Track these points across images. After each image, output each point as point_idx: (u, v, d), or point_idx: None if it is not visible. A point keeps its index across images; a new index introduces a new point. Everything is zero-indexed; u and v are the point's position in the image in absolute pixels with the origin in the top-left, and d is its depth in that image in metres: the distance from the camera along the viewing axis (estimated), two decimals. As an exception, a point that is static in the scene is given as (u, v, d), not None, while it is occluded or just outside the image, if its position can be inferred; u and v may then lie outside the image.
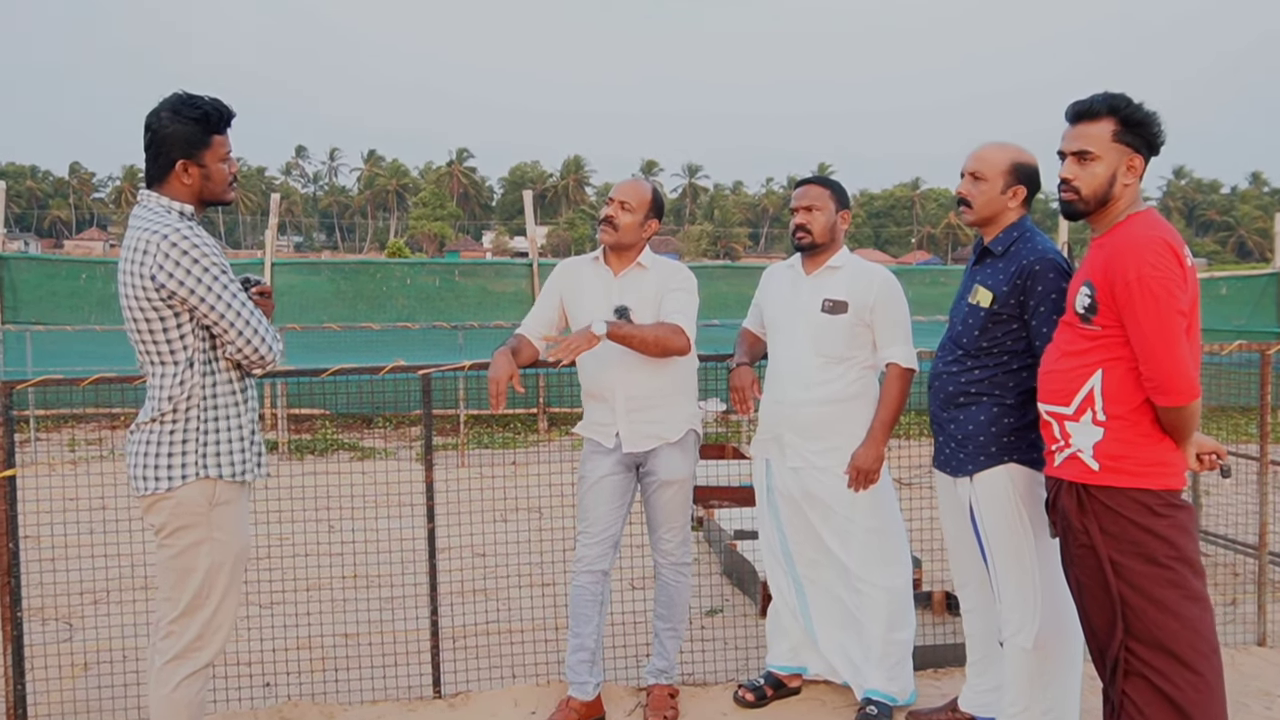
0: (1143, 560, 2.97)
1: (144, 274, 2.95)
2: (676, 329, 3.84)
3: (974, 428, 3.57)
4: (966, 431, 3.58)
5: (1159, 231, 2.97)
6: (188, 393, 3.04)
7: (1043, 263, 3.44)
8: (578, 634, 4.05)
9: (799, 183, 4.13)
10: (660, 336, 3.81)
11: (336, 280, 13.48)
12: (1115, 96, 3.07)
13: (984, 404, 3.56)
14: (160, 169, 3.04)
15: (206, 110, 3.04)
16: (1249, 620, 4.99)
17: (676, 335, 3.84)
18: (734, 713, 4.17)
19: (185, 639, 3.09)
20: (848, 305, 3.96)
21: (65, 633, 5.15)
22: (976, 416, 3.57)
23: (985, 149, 3.62)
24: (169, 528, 3.06)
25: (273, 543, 5.49)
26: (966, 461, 3.60)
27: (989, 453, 3.55)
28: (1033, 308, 3.44)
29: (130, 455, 3.10)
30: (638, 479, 4.08)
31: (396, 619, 5.25)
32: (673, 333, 3.83)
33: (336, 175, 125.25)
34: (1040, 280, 3.43)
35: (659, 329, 3.83)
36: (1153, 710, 2.97)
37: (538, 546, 6.15)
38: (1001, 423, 3.53)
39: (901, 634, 4.07)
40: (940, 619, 5.30)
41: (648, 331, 3.81)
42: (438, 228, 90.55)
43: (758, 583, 5.41)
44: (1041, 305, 3.42)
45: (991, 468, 3.55)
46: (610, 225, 3.96)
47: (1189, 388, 2.90)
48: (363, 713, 4.18)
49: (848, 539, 4.03)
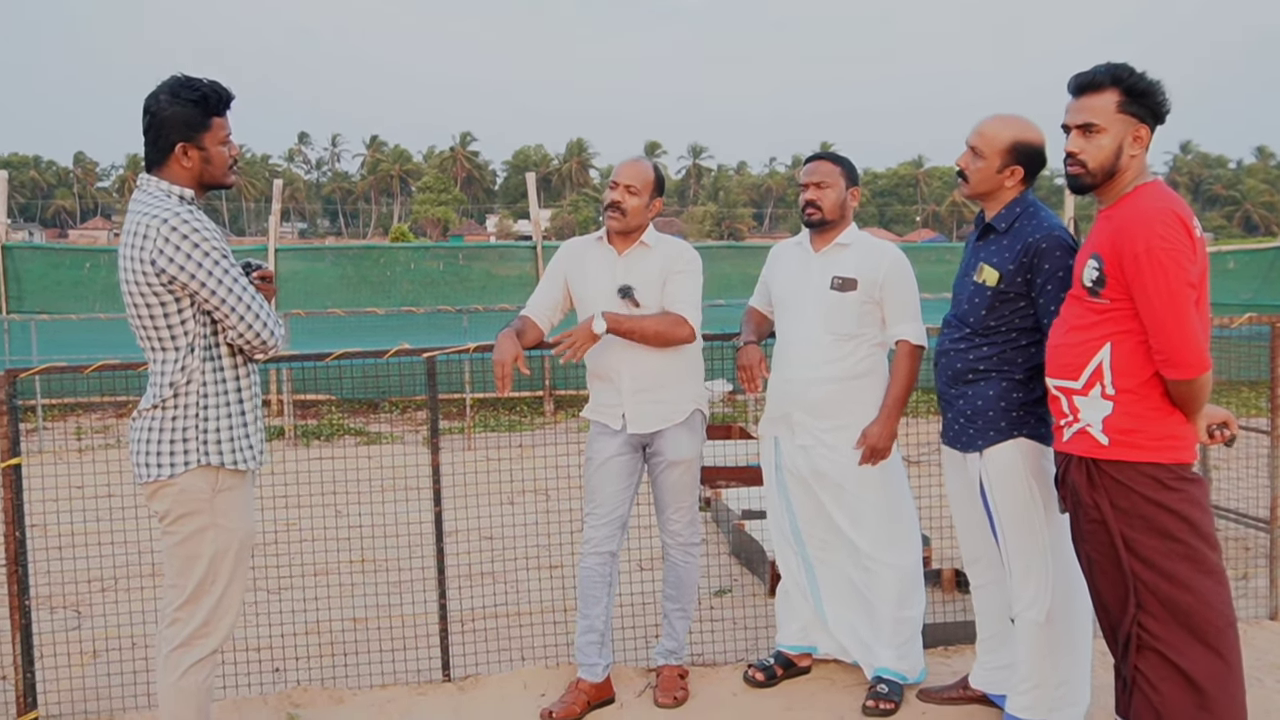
0: (1154, 535, 2.94)
1: (144, 259, 2.93)
2: (679, 320, 3.83)
3: (983, 403, 3.54)
4: (976, 407, 3.56)
5: (1167, 203, 2.93)
6: (189, 378, 3.02)
7: (1049, 239, 3.41)
8: (586, 616, 4.05)
9: (808, 159, 4.09)
10: (662, 329, 3.80)
11: (341, 266, 13.48)
12: (1118, 67, 3.02)
13: (993, 379, 3.53)
14: (159, 152, 3.01)
15: (205, 92, 3.01)
16: (1260, 594, 4.97)
17: (679, 326, 3.82)
18: (744, 692, 4.16)
19: (191, 626, 3.08)
20: (857, 283, 3.93)
21: (74, 621, 5.16)
22: (985, 392, 3.54)
23: (989, 123, 3.56)
24: (172, 515, 3.05)
25: (280, 529, 5.49)
26: (976, 437, 3.58)
27: (999, 427, 3.52)
28: (1040, 285, 3.41)
29: (133, 443, 3.08)
30: (644, 460, 4.06)
31: (405, 603, 5.24)
32: (675, 324, 3.82)
33: (339, 161, 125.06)
34: (1047, 257, 3.39)
35: (661, 321, 3.81)
36: (1166, 685, 2.95)
37: (545, 529, 6.15)
38: (1011, 397, 3.51)
39: (911, 612, 4.05)
40: (950, 596, 5.28)
41: (648, 324, 3.79)
42: (442, 212, 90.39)
43: (766, 562, 5.40)
44: (1049, 283, 3.39)
45: (1001, 442, 3.53)
46: (618, 210, 3.91)
47: (1199, 360, 2.87)
48: (372, 697, 4.18)
49: (858, 517, 4.01)
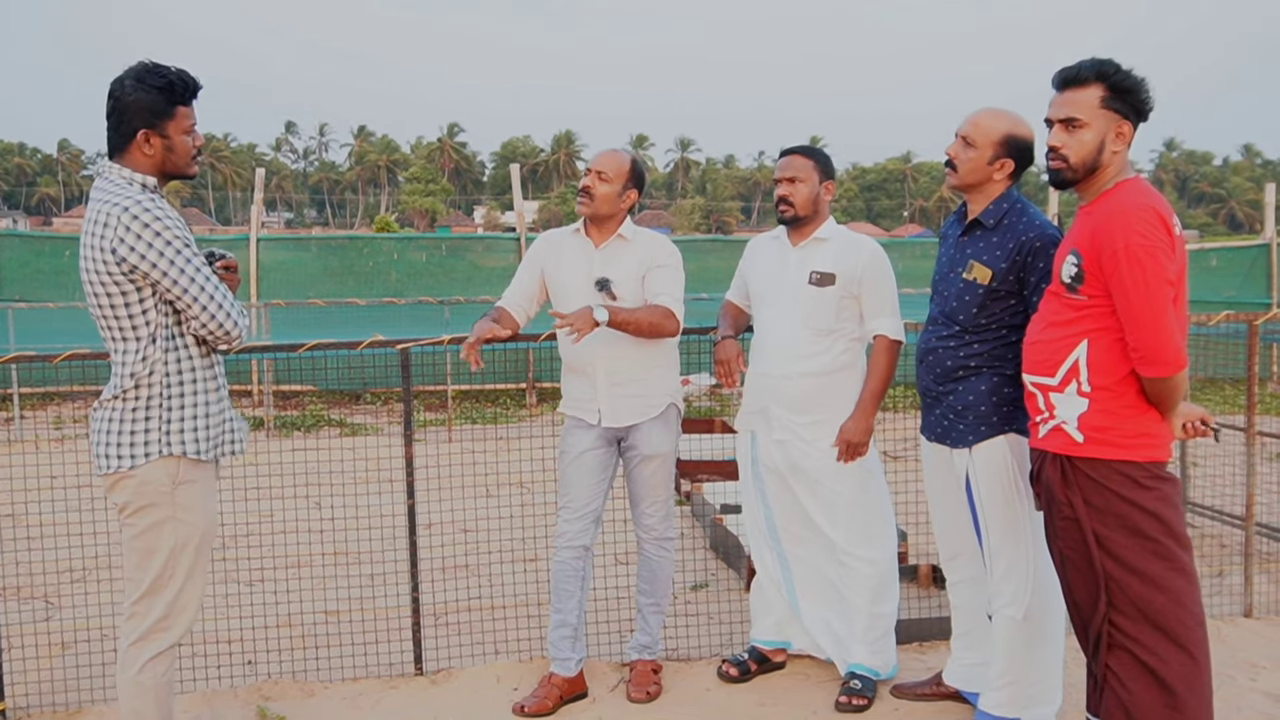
0: (1127, 533, 2.93)
1: (104, 247, 2.87)
2: (668, 313, 3.87)
3: (974, 398, 3.53)
4: (966, 402, 3.54)
5: (1147, 199, 2.92)
6: (150, 369, 2.97)
7: (1043, 239, 3.41)
8: (560, 610, 4.02)
9: (782, 153, 4.04)
10: (654, 321, 3.84)
11: (324, 256, 13.39)
12: (1103, 62, 3.00)
13: (984, 375, 3.52)
14: (122, 138, 2.95)
15: (171, 80, 2.95)
16: (1235, 591, 4.98)
17: (668, 320, 3.87)
18: (717, 688, 4.15)
19: (149, 620, 3.04)
20: (835, 277, 3.91)
21: (44, 612, 5.10)
22: (977, 387, 3.53)
23: (982, 114, 3.55)
24: (131, 507, 3.00)
25: (254, 520, 5.44)
26: (967, 432, 3.56)
27: (990, 423, 3.51)
28: (1033, 284, 3.41)
29: (93, 433, 3.03)
30: (619, 454, 4.04)
31: (379, 596, 5.21)
32: (665, 317, 3.86)
33: (327, 151, 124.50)
34: (1041, 257, 3.40)
35: (653, 313, 3.84)
36: (1137, 684, 2.94)
37: (522, 522, 6.11)
38: (1002, 393, 3.49)
39: (885, 607, 4.04)
40: (926, 592, 5.28)
41: (642, 317, 3.82)
42: (429, 203, 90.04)
43: (743, 557, 5.38)
44: (1042, 282, 3.37)
45: (991, 438, 3.51)
46: (587, 196, 3.91)
47: (1175, 358, 2.86)
48: (344, 690, 4.14)
49: (833, 512, 3.99)
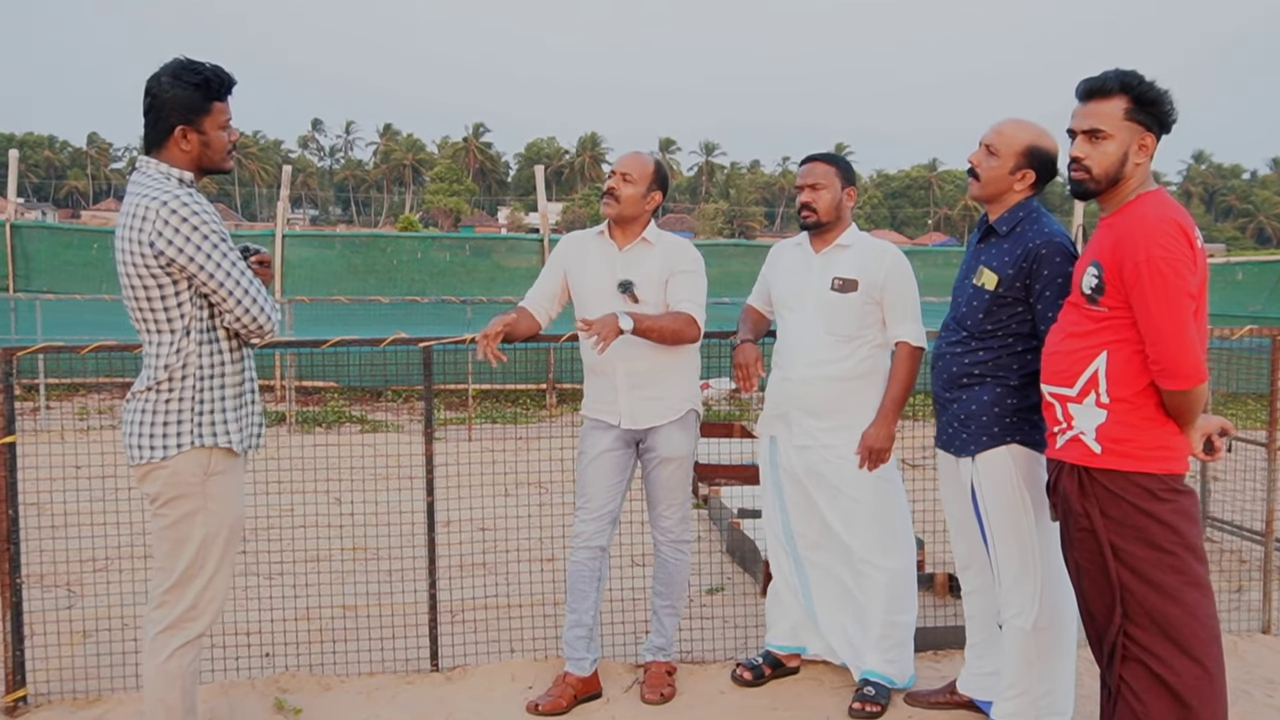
0: (1144, 545, 2.93)
1: (142, 240, 2.93)
2: (690, 320, 3.90)
3: (977, 408, 3.53)
4: (969, 411, 3.55)
5: (1169, 212, 2.92)
6: (184, 361, 3.03)
7: (1049, 246, 3.40)
8: (575, 610, 4.05)
9: (804, 160, 4.07)
10: (677, 329, 3.88)
11: (348, 254, 13.48)
12: (1127, 74, 3.01)
13: (988, 384, 3.52)
14: (159, 134, 3.01)
15: (207, 76, 3.01)
16: (1254, 607, 4.95)
17: (690, 327, 3.90)
18: (731, 691, 4.16)
19: (178, 609, 3.09)
20: (858, 284, 3.92)
21: (66, 600, 5.17)
22: (980, 397, 3.53)
23: (1007, 124, 3.56)
24: (163, 497, 3.05)
25: (275, 514, 5.49)
26: (969, 441, 3.56)
27: (992, 433, 3.51)
28: (1038, 291, 3.40)
29: (126, 424, 3.09)
30: (638, 456, 4.06)
31: (396, 592, 5.25)
32: (687, 324, 3.90)
33: (353, 149, 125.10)
34: (1046, 264, 3.38)
35: (676, 321, 3.88)
36: (1150, 696, 2.94)
37: (540, 522, 6.15)
38: (1005, 403, 3.49)
39: (902, 617, 4.04)
40: (942, 601, 5.27)
41: (665, 324, 3.85)
42: (453, 203, 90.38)
43: (760, 561, 5.38)
44: (1047, 289, 3.37)
45: (994, 448, 3.51)
46: (612, 197, 3.93)
47: (1195, 371, 2.86)
48: (360, 684, 4.18)
49: (851, 519, 4.00)
